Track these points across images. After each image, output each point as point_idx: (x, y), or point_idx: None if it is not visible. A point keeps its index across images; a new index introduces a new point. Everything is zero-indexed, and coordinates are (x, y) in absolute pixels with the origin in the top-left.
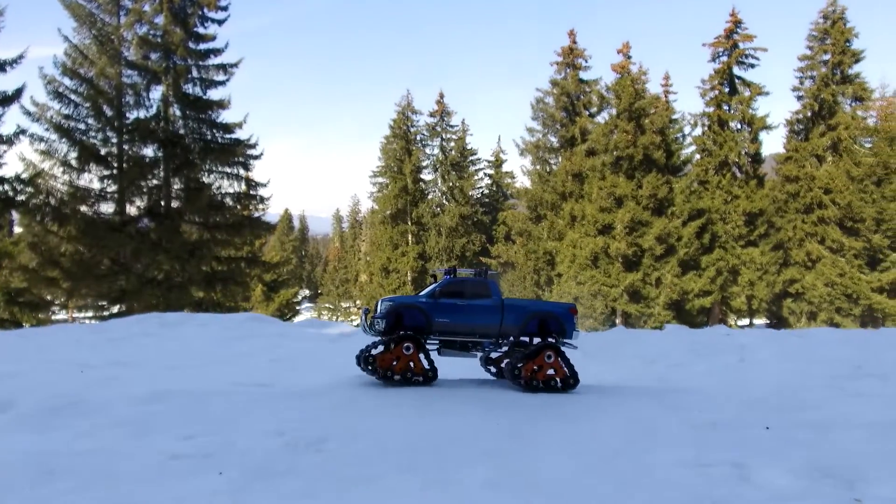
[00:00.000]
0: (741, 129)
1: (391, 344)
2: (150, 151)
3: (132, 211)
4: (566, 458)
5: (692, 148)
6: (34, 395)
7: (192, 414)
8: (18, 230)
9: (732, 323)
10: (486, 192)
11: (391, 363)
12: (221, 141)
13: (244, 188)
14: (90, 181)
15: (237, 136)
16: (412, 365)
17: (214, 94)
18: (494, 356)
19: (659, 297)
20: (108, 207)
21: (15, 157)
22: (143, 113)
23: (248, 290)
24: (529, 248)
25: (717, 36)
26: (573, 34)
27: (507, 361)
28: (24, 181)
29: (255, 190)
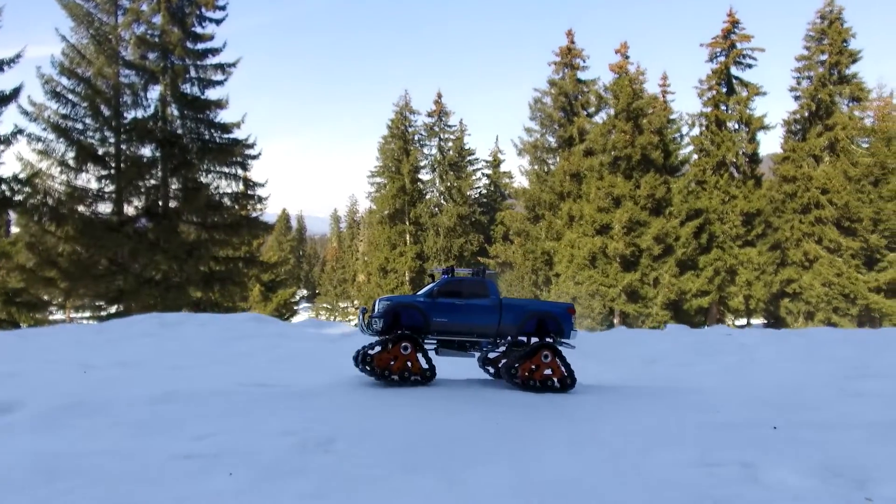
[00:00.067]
0: (739, 129)
1: (389, 343)
2: (147, 151)
3: (130, 211)
4: (573, 457)
5: (690, 148)
6: (40, 395)
7: (198, 414)
8: (16, 230)
9: (730, 323)
10: (484, 192)
11: (389, 363)
12: (219, 141)
13: (242, 188)
14: (88, 181)
15: (235, 135)
16: (410, 365)
17: (212, 93)
18: (492, 356)
19: (657, 297)
20: (105, 207)
21: (12, 156)
22: (140, 113)
23: (245, 290)
24: (527, 248)
25: (714, 36)
26: (571, 34)
27: (504, 361)
28: (21, 181)
29: (252, 190)
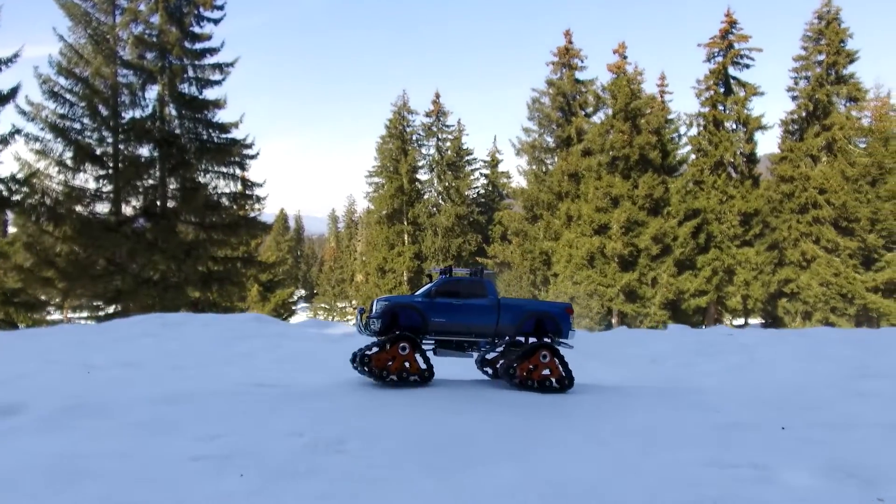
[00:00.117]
0: (736, 129)
1: (387, 344)
2: (145, 151)
3: (128, 211)
4: (585, 457)
5: (688, 148)
6: (45, 397)
7: (205, 415)
8: (13, 230)
9: (728, 322)
10: (482, 192)
11: (387, 363)
12: (217, 141)
13: (240, 188)
14: (86, 181)
15: (233, 135)
16: (408, 365)
17: (210, 93)
18: (490, 357)
19: (655, 296)
20: (103, 207)
21: (10, 156)
22: (138, 112)
23: (244, 290)
24: (525, 247)
25: (712, 36)
26: (569, 34)
27: (502, 361)
28: (19, 181)
29: (251, 190)
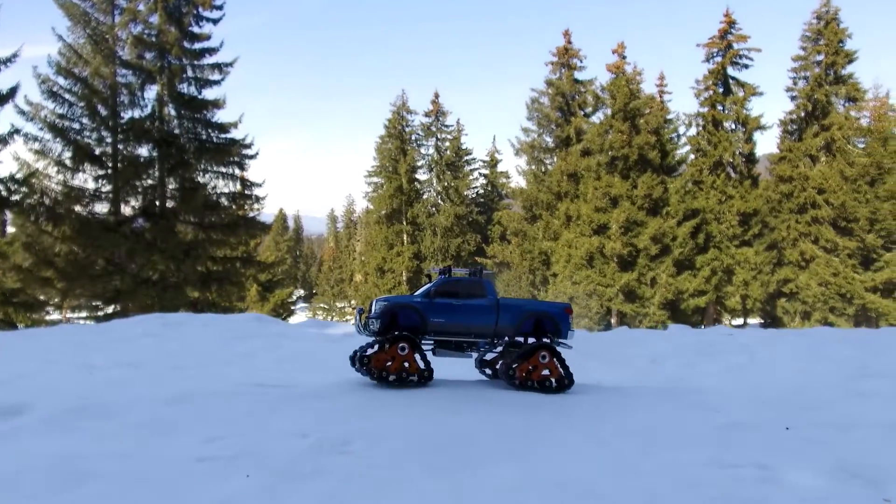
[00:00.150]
0: (735, 129)
1: (386, 344)
2: (144, 151)
3: (127, 211)
4: (585, 457)
5: (687, 148)
6: (48, 397)
7: (210, 415)
8: (12, 230)
9: (727, 322)
10: (481, 191)
11: (386, 363)
12: (216, 141)
13: (239, 188)
14: (85, 181)
15: (232, 135)
16: (407, 365)
17: (209, 93)
18: (489, 358)
19: (654, 296)
20: (102, 207)
21: (9, 156)
22: (137, 112)
23: (243, 290)
24: (525, 247)
25: (711, 36)
26: (568, 34)
27: (501, 362)
28: (18, 181)
29: (250, 190)
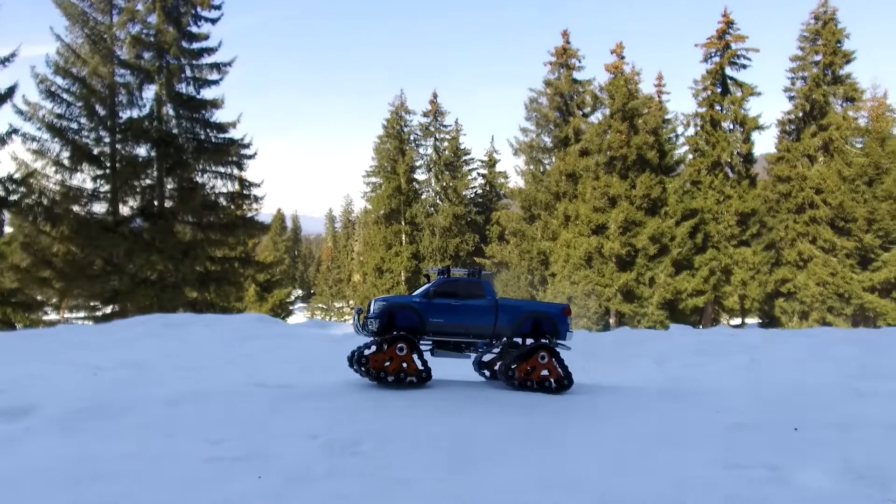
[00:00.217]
0: (733, 129)
1: (384, 344)
2: (143, 151)
3: (125, 211)
4: (598, 458)
5: (685, 148)
6: (55, 398)
7: (217, 416)
8: (10, 230)
9: (725, 322)
10: (479, 191)
11: (384, 364)
12: (215, 140)
13: (238, 188)
14: (83, 181)
15: (231, 135)
16: (405, 366)
17: (208, 93)
18: (487, 359)
19: (652, 296)
20: (100, 207)
21: (7, 156)
22: (136, 112)
23: (241, 290)
24: (523, 248)
25: (709, 36)
26: (566, 34)
27: (500, 363)
28: (16, 181)
29: (248, 190)
